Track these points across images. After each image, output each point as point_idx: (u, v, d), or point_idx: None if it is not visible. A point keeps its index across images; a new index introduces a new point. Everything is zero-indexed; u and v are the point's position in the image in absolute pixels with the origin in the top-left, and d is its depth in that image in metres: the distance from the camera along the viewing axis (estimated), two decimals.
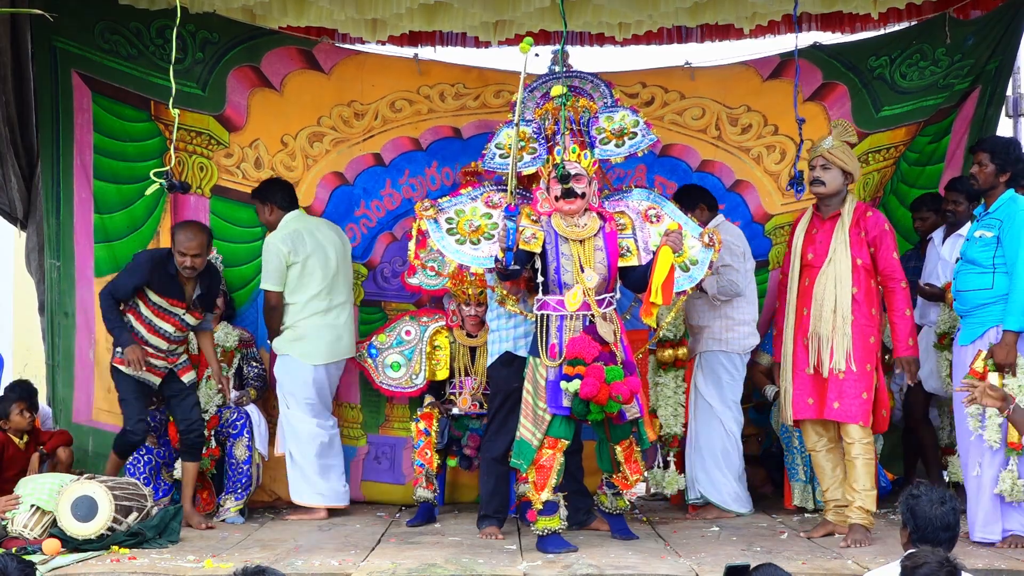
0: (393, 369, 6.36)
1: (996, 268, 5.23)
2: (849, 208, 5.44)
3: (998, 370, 5.12)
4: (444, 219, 5.40)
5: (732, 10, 6.98)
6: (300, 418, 6.22)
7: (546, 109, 5.49)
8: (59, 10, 6.12)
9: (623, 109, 5.60)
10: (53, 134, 6.62)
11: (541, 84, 5.59)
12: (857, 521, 5.28)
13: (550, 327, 5.20)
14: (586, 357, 5.04)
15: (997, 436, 5.12)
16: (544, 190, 5.35)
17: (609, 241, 5.31)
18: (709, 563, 4.80)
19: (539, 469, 5.14)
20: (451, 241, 5.38)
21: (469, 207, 5.45)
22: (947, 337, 6.01)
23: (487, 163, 5.54)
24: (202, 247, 5.80)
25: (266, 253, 6.26)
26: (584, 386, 4.99)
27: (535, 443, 5.14)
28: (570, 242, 5.24)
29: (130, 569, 4.81)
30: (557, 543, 5.14)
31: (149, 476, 6.13)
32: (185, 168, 6.63)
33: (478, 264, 5.39)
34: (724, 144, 6.86)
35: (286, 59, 6.76)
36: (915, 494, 3.81)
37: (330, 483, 6.27)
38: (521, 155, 5.24)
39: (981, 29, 6.79)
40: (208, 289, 5.95)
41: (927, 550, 3.39)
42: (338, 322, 6.32)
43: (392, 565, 4.82)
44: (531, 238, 5.24)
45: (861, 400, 5.32)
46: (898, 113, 6.81)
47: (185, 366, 5.99)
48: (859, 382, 5.32)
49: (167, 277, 5.82)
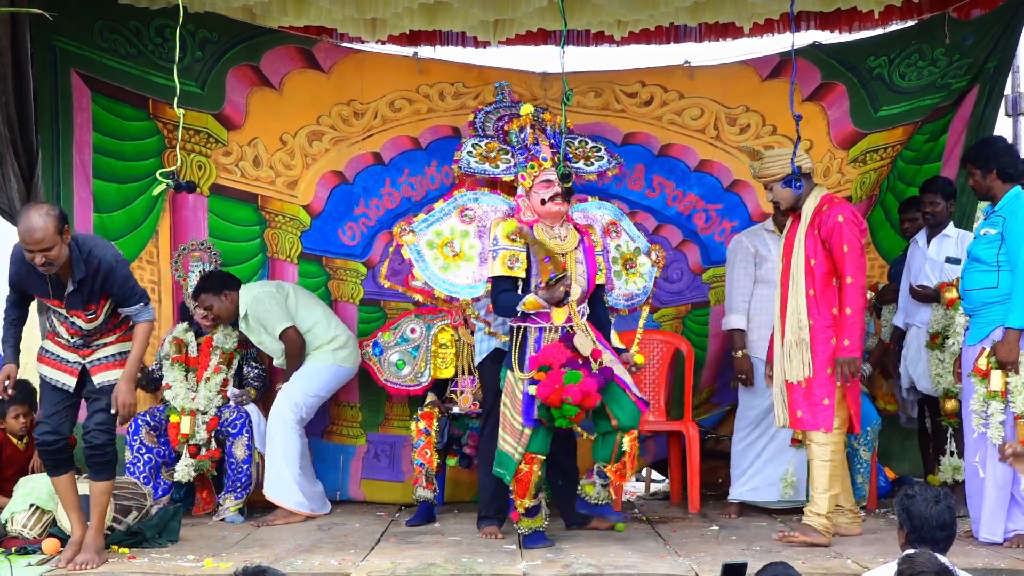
0: (398, 367, 6.36)
1: (1000, 266, 5.20)
2: (808, 208, 5.31)
3: (1001, 368, 5.12)
4: (424, 243, 5.41)
5: (732, 9, 6.99)
6: (301, 426, 6.22)
7: (523, 123, 5.50)
8: (59, 10, 6.11)
9: (581, 136, 5.80)
10: (53, 133, 6.63)
11: (495, 109, 5.66)
12: (807, 521, 5.29)
13: (528, 340, 5.21)
14: (553, 363, 5.04)
15: (1000, 433, 5.12)
16: (526, 196, 5.37)
17: (588, 255, 5.37)
18: (709, 563, 4.80)
19: (518, 482, 5.21)
20: (436, 269, 5.39)
21: (447, 225, 5.45)
22: (939, 337, 6.01)
23: (464, 168, 5.51)
24: (50, 238, 4.60)
25: (260, 306, 6.22)
26: (539, 387, 5.01)
27: (516, 456, 5.17)
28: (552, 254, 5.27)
29: (129, 569, 4.81)
30: (537, 539, 5.27)
31: (149, 475, 6.14)
32: (183, 166, 6.62)
33: (465, 294, 5.41)
34: (723, 144, 6.86)
35: (285, 58, 6.76)
36: (910, 494, 3.82)
37: (317, 487, 6.33)
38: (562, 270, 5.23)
39: (980, 28, 6.79)
40: (80, 284, 4.80)
41: (925, 556, 3.39)
42: (348, 329, 6.48)
43: (392, 565, 4.82)
44: (513, 263, 5.24)
45: (822, 407, 5.25)
46: (896, 113, 6.81)
47: (103, 363, 5.03)
48: (821, 388, 5.24)
49: (35, 274, 4.79)
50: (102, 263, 4.81)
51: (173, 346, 6.34)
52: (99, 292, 4.87)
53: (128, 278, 4.94)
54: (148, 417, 6.23)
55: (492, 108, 5.68)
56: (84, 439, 4.96)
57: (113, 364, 5.00)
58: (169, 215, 6.71)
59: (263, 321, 6.24)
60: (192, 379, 6.29)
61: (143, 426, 6.18)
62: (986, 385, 5.15)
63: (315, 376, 6.25)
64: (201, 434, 6.16)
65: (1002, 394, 5.10)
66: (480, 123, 5.63)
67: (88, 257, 4.79)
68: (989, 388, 5.13)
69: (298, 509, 6.11)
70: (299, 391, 6.20)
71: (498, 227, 5.32)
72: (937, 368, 6.04)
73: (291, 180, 6.76)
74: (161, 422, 6.22)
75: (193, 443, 6.15)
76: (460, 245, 5.42)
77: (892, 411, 6.64)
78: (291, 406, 6.17)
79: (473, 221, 5.45)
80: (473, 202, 5.50)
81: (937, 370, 6.04)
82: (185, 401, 6.21)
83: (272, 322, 6.22)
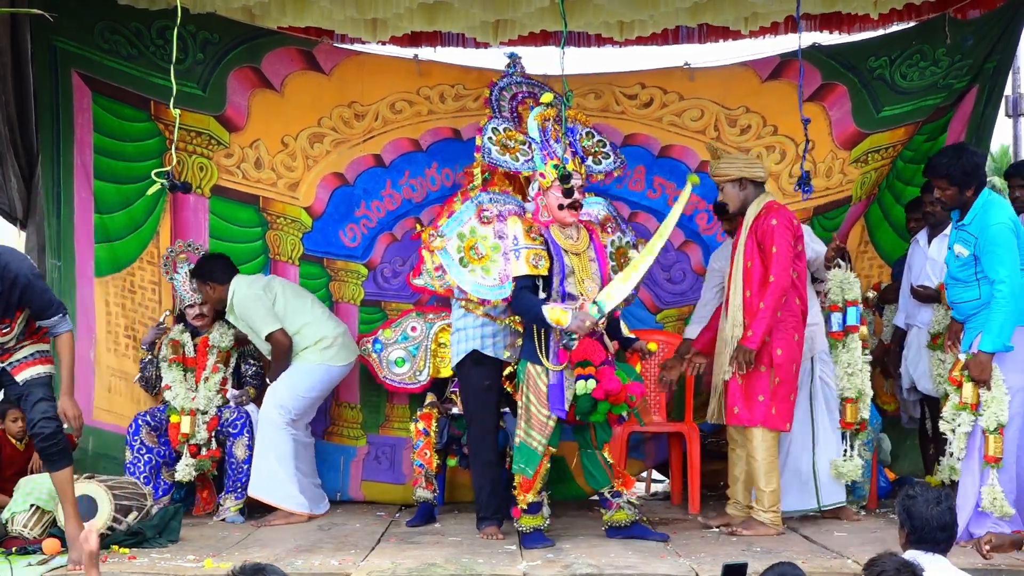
0: (397, 365, 6.35)
1: (979, 281, 5.16)
2: (751, 213, 5.54)
3: (973, 382, 5.09)
4: (454, 248, 5.45)
5: (732, 11, 7.00)
6: (294, 427, 6.19)
7: (547, 115, 5.50)
8: (59, 10, 6.12)
9: (587, 128, 5.81)
10: (53, 134, 6.63)
11: (508, 85, 5.70)
12: (759, 519, 5.46)
13: (552, 332, 5.25)
14: (594, 359, 5.16)
15: (962, 445, 5.11)
16: (543, 195, 5.38)
17: (600, 254, 5.45)
18: (709, 563, 4.80)
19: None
20: (466, 273, 5.45)
21: (468, 227, 5.49)
22: (940, 337, 6.01)
23: (486, 157, 5.52)
24: None
25: (245, 309, 6.18)
26: (602, 384, 5.11)
27: (541, 450, 5.25)
28: (569, 254, 5.32)
29: (130, 569, 4.81)
30: (538, 539, 5.27)
31: (149, 475, 6.14)
32: (185, 168, 6.63)
33: (496, 295, 5.45)
34: (723, 145, 6.85)
35: (286, 60, 6.76)
36: (911, 495, 3.82)
37: (318, 487, 6.34)
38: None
39: (980, 29, 6.79)
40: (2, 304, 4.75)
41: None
42: (342, 323, 6.39)
43: (392, 565, 4.82)
44: (538, 261, 5.28)
45: (757, 403, 5.43)
46: (898, 113, 6.81)
47: (24, 362, 4.97)
48: (757, 384, 5.42)
49: None
50: (18, 277, 4.74)
51: (170, 347, 6.33)
52: (15, 306, 4.83)
53: (46, 290, 4.93)
54: (148, 417, 6.23)
55: (506, 83, 5.71)
56: (32, 433, 4.93)
57: (34, 362, 4.97)
58: (170, 216, 6.71)
59: (248, 322, 6.22)
60: (191, 379, 6.29)
61: (143, 426, 6.18)
62: (959, 395, 5.13)
63: (304, 377, 6.21)
64: (201, 434, 6.16)
65: (972, 407, 5.08)
66: (495, 99, 5.66)
67: (3, 271, 4.71)
68: (961, 400, 5.11)
69: (297, 509, 6.10)
70: (286, 392, 6.17)
71: (516, 225, 5.36)
72: (938, 368, 6.04)
73: (292, 182, 6.76)
74: (161, 422, 6.22)
75: (193, 443, 6.15)
76: (484, 248, 5.47)
77: (893, 411, 6.64)
78: (277, 408, 6.13)
79: (491, 222, 5.48)
80: (489, 202, 5.52)
81: (938, 370, 6.04)
82: (185, 401, 6.20)
83: (257, 325, 6.19)
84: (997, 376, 5.02)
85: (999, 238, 5.05)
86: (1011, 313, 4.99)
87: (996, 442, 5.01)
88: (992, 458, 5.02)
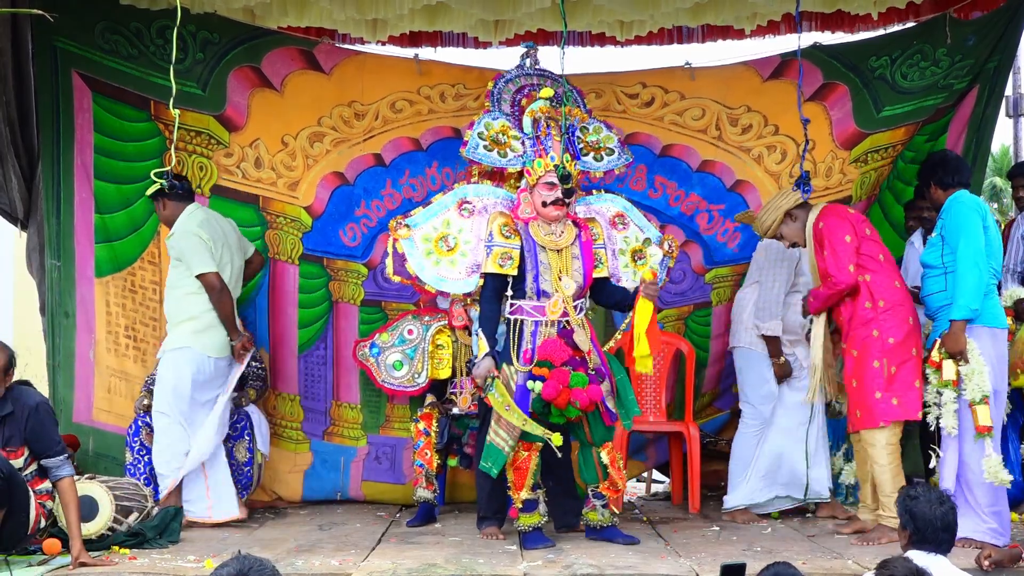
0: (395, 368, 6.35)
1: (947, 268, 5.30)
2: (809, 229, 5.65)
3: (951, 358, 5.17)
4: (420, 237, 5.44)
5: (733, 10, 6.99)
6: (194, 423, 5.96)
7: (542, 111, 5.50)
8: (59, 10, 6.12)
9: (597, 121, 5.80)
10: (53, 134, 6.63)
11: (515, 77, 5.70)
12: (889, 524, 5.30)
13: (523, 332, 5.26)
14: (555, 360, 5.14)
15: (954, 423, 5.15)
16: (529, 191, 5.38)
17: (585, 250, 5.40)
18: (709, 563, 4.80)
19: (516, 471, 5.27)
20: (429, 263, 5.46)
21: (443, 219, 5.49)
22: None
23: (470, 152, 5.55)
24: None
25: (183, 241, 5.91)
26: (545, 387, 5.09)
27: (507, 449, 5.21)
28: (547, 251, 5.29)
29: (130, 569, 4.81)
30: (537, 539, 5.25)
31: (149, 477, 6.13)
32: (185, 168, 6.61)
33: (456, 289, 5.50)
34: (724, 144, 6.86)
35: (286, 59, 6.75)
36: (913, 495, 3.82)
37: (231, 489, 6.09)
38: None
39: (981, 29, 6.79)
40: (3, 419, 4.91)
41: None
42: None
43: (392, 565, 4.82)
44: (505, 261, 5.28)
45: (874, 401, 5.38)
46: (899, 113, 6.80)
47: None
48: (869, 383, 5.39)
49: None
50: (39, 407, 4.94)
51: None
52: (20, 435, 4.91)
53: (55, 428, 5.05)
54: (149, 419, 6.22)
55: (513, 76, 5.70)
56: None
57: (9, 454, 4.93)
58: None
59: (183, 255, 5.95)
60: None
61: (143, 427, 6.17)
62: (939, 376, 5.21)
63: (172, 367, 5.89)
64: None
65: (954, 383, 5.16)
66: (498, 93, 5.65)
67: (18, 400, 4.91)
68: (942, 378, 5.19)
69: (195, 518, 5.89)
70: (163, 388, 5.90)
71: (495, 221, 5.36)
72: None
73: (292, 181, 6.75)
74: None
75: None
76: (455, 240, 5.49)
77: None
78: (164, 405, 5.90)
79: (472, 215, 5.49)
80: (474, 195, 5.52)
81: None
82: None
83: (191, 260, 5.91)
84: (974, 349, 5.14)
85: (960, 214, 5.30)
86: (974, 281, 5.14)
87: (984, 412, 5.09)
88: (983, 427, 5.09)
